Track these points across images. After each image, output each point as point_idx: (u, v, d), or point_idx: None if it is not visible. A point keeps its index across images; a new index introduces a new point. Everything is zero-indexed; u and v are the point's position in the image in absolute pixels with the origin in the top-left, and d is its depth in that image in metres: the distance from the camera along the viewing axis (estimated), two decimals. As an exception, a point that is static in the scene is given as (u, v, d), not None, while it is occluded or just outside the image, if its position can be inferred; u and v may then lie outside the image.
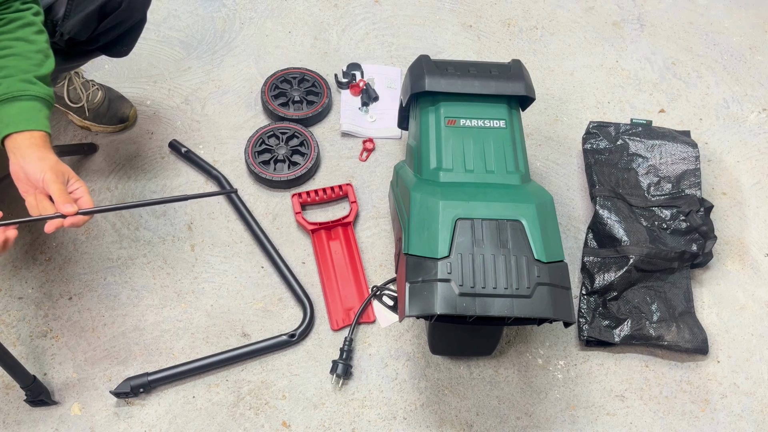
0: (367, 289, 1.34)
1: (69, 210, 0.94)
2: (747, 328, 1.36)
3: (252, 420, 1.20)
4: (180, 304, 1.31)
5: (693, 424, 1.24)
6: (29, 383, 1.12)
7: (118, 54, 1.29)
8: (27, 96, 0.96)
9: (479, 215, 1.02)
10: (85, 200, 0.98)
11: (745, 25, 1.88)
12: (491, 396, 1.25)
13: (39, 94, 0.98)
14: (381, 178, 1.50)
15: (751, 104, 1.71)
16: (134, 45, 1.30)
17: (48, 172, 0.94)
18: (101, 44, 1.22)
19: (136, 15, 1.22)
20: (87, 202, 0.98)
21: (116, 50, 1.28)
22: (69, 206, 0.94)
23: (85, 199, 0.98)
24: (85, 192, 0.99)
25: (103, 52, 1.27)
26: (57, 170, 0.95)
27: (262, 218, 1.42)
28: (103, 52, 1.27)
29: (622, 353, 1.31)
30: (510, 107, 1.23)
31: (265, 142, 1.49)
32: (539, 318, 0.97)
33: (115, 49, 1.27)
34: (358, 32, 1.77)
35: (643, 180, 1.46)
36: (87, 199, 0.98)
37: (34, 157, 0.95)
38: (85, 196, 0.98)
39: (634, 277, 1.32)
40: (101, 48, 1.24)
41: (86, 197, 0.98)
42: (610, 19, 1.86)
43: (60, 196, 0.95)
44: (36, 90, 0.97)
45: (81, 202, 0.97)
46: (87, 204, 0.97)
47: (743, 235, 1.48)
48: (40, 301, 1.30)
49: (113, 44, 1.25)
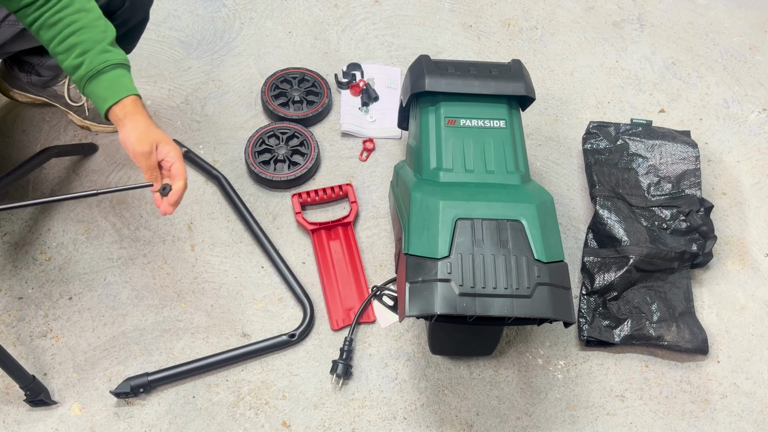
0: (367, 289, 1.34)
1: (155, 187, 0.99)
2: (747, 328, 1.36)
3: (252, 420, 1.20)
4: (180, 304, 1.31)
5: (693, 424, 1.24)
6: (29, 383, 1.12)
7: None
8: (109, 66, 0.98)
9: (479, 215, 1.02)
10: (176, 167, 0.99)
11: (745, 25, 1.88)
12: (491, 396, 1.25)
13: (119, 61, 1.00)
14: (381, 178, 1.50)
15: (751, 104, 1.71)
16: (137, 43, 1.30)
17: (136, 143, 0.97)
18: None
19: (139, 14, 1.22)
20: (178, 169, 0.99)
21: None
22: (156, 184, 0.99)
23: (176, 166, 0.99)
24: (177, 158, 0.99)
25: None
26: (144, 140, 0.97)
27: (262, 218, 1.42)
28: None
29: (622, 353, 1.31)
30: (510, 107, 1.23)
31: (265, 142, 1.49)
32: (539, 318, 0.97)
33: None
34: (358, 32, 1.77)
35: (643, 180, 1.45)
36: (178, 166, 0.99)
37: (126, 126, 0.98)
38: (176, 163, 0.99)
39: (634, 277, 1.32)
40: None
41: (177, 164, 0.99)
42: (610, 19, 1.86)
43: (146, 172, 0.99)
44: (115, 58, 0.99)
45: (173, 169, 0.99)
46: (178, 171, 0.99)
47: (743, 235, 1.48)
48: (40, 301, 1.30)
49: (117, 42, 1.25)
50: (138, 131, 0.98)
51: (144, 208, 1.42)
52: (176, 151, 1.00)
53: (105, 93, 0.98)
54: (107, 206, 1.41)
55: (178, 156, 1.00)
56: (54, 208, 1.40)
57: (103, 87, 0.98)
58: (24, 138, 1.49)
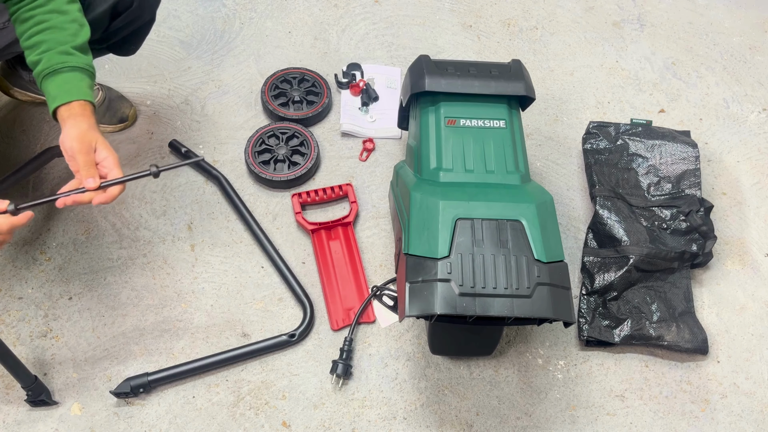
0: (367, 289, 1.34)
1: (90, 184, 0.91)
2: (747, 328, 1.36)
3: (252, 420, 1.20)
4: (180, 304, 1.31)
5: (693, 424, 1.24)
6: (31, 383, 1.12)
7: (125, 53, 1.30)
8: (66, 68, 0.97)
9: (479, 215, 1.02)
10: (113, 173, 0.94)
11: (745, 25, 1.88)
12: (491, 396, 1.25)
13: (78, 65, 0.98)
14: (381, 178, 1.50)
15: (751, 104, 1.71)
16: (142, 44, 1.31)
17: (74, 140, 0.93)
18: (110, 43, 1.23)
19: (146, 15, 1.22)
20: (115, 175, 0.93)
21: (124, 49, 1.29)
22: (90, 180, 0.91)
23: (113, 172, 0.94)
24: (113, 164, 0.94)
25: (111, 51, 1.27)
26: (83, 139, 0.93)
27: (262, 218, 1.42)
28: (111, 50, 1.27)
29: (622, 353, 1.31)
30: (510, 107, 1.23)
31: (265, 142, 1.49)
32: (539, 318, 0.97)
33: (123, 47, 1.28)
34: (358, 32, 1.77)
35: (643, 180, 1.45)
36: (115, 172, 0.94)
37: (68, 126, 0.95)
38: (113, 169, 0.94)
39: (634, 277, 1.32)
40: (109, 47, 1.25)
41: (114, 170, 0.94)
42: (610, 19, 1.86)
43: (83, 168, 0.92)
44: (74, 60, 0.98)
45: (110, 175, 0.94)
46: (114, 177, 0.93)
47: (743, 235, 1.48)
48: (40, 301, 1.30)
49: (122, 43, 1.26)
50: (78, 130, 0.94)
51: (144, 209, 1.42)
52: (114, 157, 0.95)
53: (56, 92, 0.96)
54: (107, 206, 1.41)
55: (116, 163, 0.95)
56: (54, 208, 1.40)
57: (55, 86, 0.97)
58: (24, 138, 1.49)
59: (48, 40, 0.97)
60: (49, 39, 0.97)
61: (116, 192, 0.94)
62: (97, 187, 0.92)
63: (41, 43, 0.97)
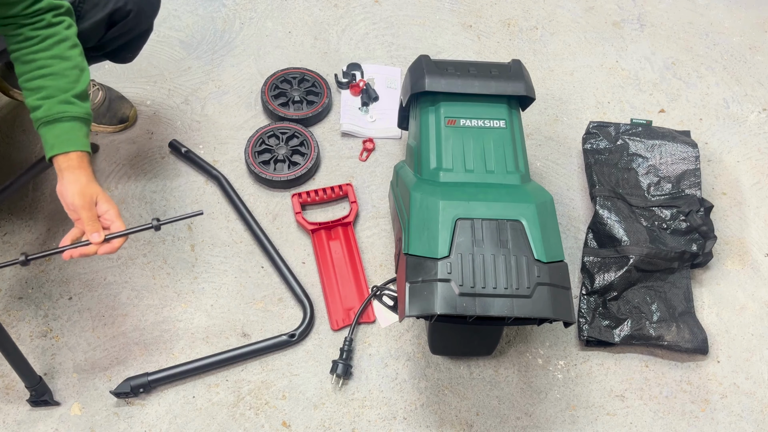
0: (367, 289, 1.34)
1: (95, 239, 0.97)
2: (747, 328, 1.36)
3: (252, 420, 1.20)
4: (180, 304, 1.31)
5: (693, 424, 1.24)
6: (35, 383, 1.13)
7: (122, 60, 1.30)
8: (66, 117, 0.99)
9: (479, 215, 1.02)
10: (116, 226, 0.99)
11: (745, 25, 1.88)
12: (491, 396, 1.25)
13: (77, 114, 1.00)
14: (381, 178, 1.50)
15: (751, 104, 1.71)
16: (139, 52, 1.30)
17: (76, 196, 0.97)
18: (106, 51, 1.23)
19: (143, 24, 1.22)
20: (117, 228, 0.98)
21: (121, 57, 1.29)
22: (95, 235, 0.97)
23: (116, 225, 0.99)
24: (115, 216, 0.99)
25: (108, 58, 1.28)
26: (85, 193, 0.97)
27: (262, 218, 1.42)
28: (108, 57, 1.27)
29: (622, 353, 1.31)
30: (510, 107, 1.23)
31: (265, 142, 1.49)
32: (539, 318, 0.97)
33: (120, 55, 1.28)
34: (358, 32, 1.77)
35: (643, 180, 1.45)
36: (117, 224, 0.99)
37: (68, 179, 0.98)
38: (115, 222, 0.99)
39: (634, 277, 1.32)
40: (106, 54, 1.25)
41: (117, 222, 0.99)
42: (610, 19, 1.86)
43: (87, 224, 0.97)
44: (74, 110, 0.99)
45: (112, 227, 0.99)
46: (117, 229, 0.98)
47: (743, 235, 1.48)
48: (40, 301, 1.30)
49: (118, 51, 1.26)
50: (79, 184, 0.97)
51: (144, 209, 1.42)
52: (114, 210, 0.99)
53: (53, 141, 0.98)
54: (107, 206, 1.41)
55: (117, 215, 0.99)
56: (54, 208, 1.40)
57: (53, 135, 0.98)
58: (24, 138, 1.49)
59: (49, 87, 0.98)
60: (50, 85, 0.98)
61: (119, 243, 1.00)
62: (102, 240, 0.98)
63: (42, 89, 0.98)
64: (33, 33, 0.98)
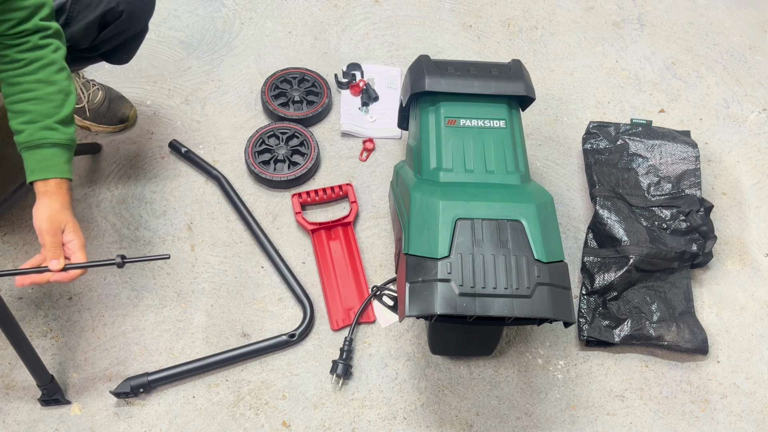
0: (367, 289, 1.34)
1: (54, 266, 0.96)
2: (747, 328, 1.36)
3: (252, 420, 1.20)
4: (180, 304, 1.31)
5: (693, 424, 1.24)
6: (47, 382, 1.13)
7: (118, 61, 1.30)
8: (47, 144, 0.98)
9: (479, 215, 1.02)
10: (77, 257, 0.98)
11: (745, 25, 1.88)
12: (491, 396, 1.25)
13: (59, 141, 0.99)
14: (381, 178, 1.50)
15: (751, 104, 1.71)
16: (135, 53, 1.30)
17: (45, 221, 0.96)
18: (102, 52, 1.23)
19: (137, 25, 1.22)
20: (78, 259, 0.98)
21: (116, 58, 1.28)
22: (55, 262, 0.96)
23: (77, 256, 0.98)
24: (78, 247, 0.99)
25: (104, 59, 1.27)
26: (54, 219, 0.97)
27: (262, 218, 1.42)
28: (104, 58, 1.27)
29: (622, 353, 1.31)
30: (510, 107, 1.23)
31: (265, 142, 1.49)
32: (539, 318, 0.97)
33: (116, 56, 1.28)
34: (358, 32, 1.77)
35: (643, 180, 1.45)
36: (79, 256, 0.98)
37: (42, 203, 0.98)
38: (77, 252, 0.98)
39: (634, 277, 1.32)
40: (101, 55, 1.25)
41: (78, 253, 0.98)
42: (610, 19, 1.86)
43: (49, 249, 0.96)
44: (56, 137, 0.99)
45: (73, 258, 0.98)
46: (78, 260, 0.98)
47: (743, 235, 1.48)
48: (40, 301, 1.30)
49: (114, 52, 1.25)
50: (51, 210, 0.97)
51: (144, 209, 1.42)
52: (80, 241, 0.99)
53: (34, 166, 0.98)
54: (107, 206, 1.41)
55: (81, 246, 0.99)
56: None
57: (34, 161, 0.98)
58: (24, 138, 1.49)
59: (32, 111, 0.97)
60: (33, 110, 0.98)
61: (76, 274, 0.99)
62: (61, 269, 0.97)
63: (25, 113, 0.98)
64: (19, 56, 0.97)
